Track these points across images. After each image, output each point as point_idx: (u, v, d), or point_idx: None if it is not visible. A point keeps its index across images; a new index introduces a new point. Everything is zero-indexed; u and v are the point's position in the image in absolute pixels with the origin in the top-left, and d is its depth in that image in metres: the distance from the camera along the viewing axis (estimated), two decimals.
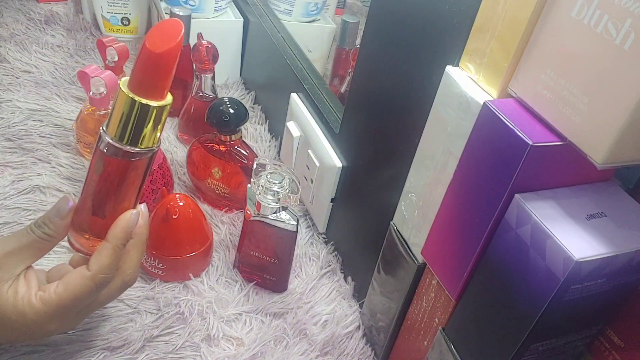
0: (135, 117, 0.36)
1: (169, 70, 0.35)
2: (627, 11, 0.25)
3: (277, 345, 0.52)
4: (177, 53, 0.35)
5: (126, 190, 0.40)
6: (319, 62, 0.86)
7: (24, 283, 0.39)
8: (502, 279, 0.33)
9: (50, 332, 0.40)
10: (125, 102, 0.36)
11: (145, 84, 0.36)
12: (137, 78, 0.36)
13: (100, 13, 0.90)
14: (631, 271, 0.31)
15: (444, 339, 0.40)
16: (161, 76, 0.36)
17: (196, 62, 0.67)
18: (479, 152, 0.34)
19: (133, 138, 0.37)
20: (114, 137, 0.37)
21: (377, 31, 0.48)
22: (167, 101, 0.37)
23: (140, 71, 0.36)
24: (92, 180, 0.39)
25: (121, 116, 0.36)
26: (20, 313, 0.38)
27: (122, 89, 0.36)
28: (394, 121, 0.47)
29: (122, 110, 0.36)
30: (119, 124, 0.37)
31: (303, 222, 0.66)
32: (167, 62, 0.35)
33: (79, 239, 0.42)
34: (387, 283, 0.48)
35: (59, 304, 0.38)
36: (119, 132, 0.37)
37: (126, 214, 0.41)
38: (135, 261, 0.42)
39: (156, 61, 0.35)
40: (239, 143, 0.62)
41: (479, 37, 0.34)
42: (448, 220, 0.38)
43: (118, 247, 0.40)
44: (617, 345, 0.35)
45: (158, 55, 0.34)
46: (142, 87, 0.36)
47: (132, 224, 0.41)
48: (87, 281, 0.39)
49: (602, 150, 0.27)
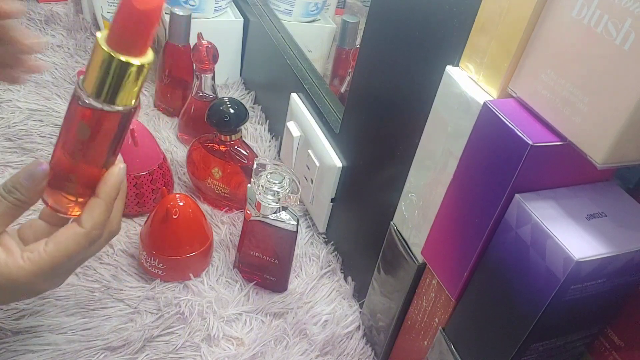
0: (113, 75, 0.34)
1: (151, 27, 0.34)
2: (627, 11, 0.25)
3: (277, 345, 0.52)
4: (160, 11, 0.34)
5: (103, 146, 0.39)
6: (319, 62, 0.86)
7: (2, 250, 0.38)
8: (502, 279, 0.33)
9: (42, 291, 0.40)
10: (103, 58, 0.34)
11: (126, 41, 0.34)
12: (116, 34, 0.34)
13: (100, 13, 0.90)
14: (631, 271, 0.31)
15: (444, 339, 0.40)
16: (143, 33, 0.34)
17: (196, 62, 0.67)
18: (479, 152, 0.34)
19: (111, 96, 0.35)
20: (90, 94, 0.35)
21: (377, 31, 0.48)
22: (148, 58, 0.35)
23: (120, 27, 0.34)
24: (67, 137, 0.38)
25: (98, 73, 0.34)
26: (9, 278, 0.37)
27: (101, 44, 0.34)
28: (394, 121, 0.47)
29: (100, 66, 0.34)
30: (96, 81, 0.35)
31: (303, 222, 0.66)
32: (151, 19, 0.33)
33: (54, 196, 0.40)
34: (387, 283, 0.48)
35: (52, 263, 0.38)
36: (96, 89, 0.35)
37: (114, 170, 0.40)
38: (119, 212, 0.42)
39: (139, 17, 0.33)
40: (239, 143, 0.62)
41: (479, 37, 0.34)
42: (448, 220, 0.38)
43: (110, 204, 0.40)
44: (617, 345, 0.35)
45: (142, 11, 0.33)
46: (122, 43, 0.34)
47: (121, 180, 0.40)
48: (81, 238, 0.38)
49: (602, 150, 0.27)
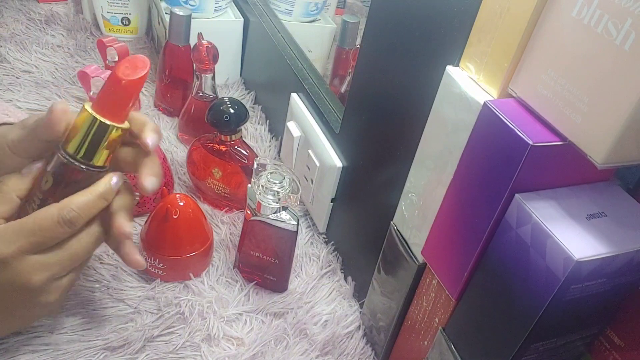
0: (92, 134, 0.39)
1: (131, 97, 0.40)
2: (627, 11, 0.25)
3: (277, 345, 0.52)
4: (140, 85, 0.40)
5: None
6: (319, 62, 0.86)
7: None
8: (502, 278, 0.33)
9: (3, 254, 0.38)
10: (85, 118, 0.39)
11: (108, 106, 0.40)
12: (101, 100, 0.40)
13: (101, 13, 0.90)
14: (631, 271, 0.31)
15: (444, 339, 0.40)
16: (124, 101, 0.40)
17: (196, 62, 0.67)
18: (479, 152, 0.34)
19: (87, 154, 0.40)
20: (69, 152, 0.40)
21: (378, 31, 0.48)
22: (124, 125, 0.41)
23: (105, 95, 0.40)
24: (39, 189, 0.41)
25: (78, 131, 0.40)
26: None
27: (86, 108, 0.39)
28: (395, 121, 0.47)
29: (81, 126, 0.39)
30: (75, 138, 0.40)
31: (303, 222, 0.66)
32: (132, 90, 0.40)
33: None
34: (388, 283, 0.48)
35: (18, 225, 0.39)
36: (75, 147, 0.40)
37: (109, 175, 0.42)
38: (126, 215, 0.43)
39: (123, 88, 0.39)
40: (239, 143, 0.62)
41: (479, 37, 0.34)
42: (448, 220, 0.38)
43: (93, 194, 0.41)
44: (617, 345, 0.35)
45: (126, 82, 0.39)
46: (104, 108, 0.40)
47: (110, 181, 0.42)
48: (52, 209, 0.39)
49: (602, 150, 0.27)
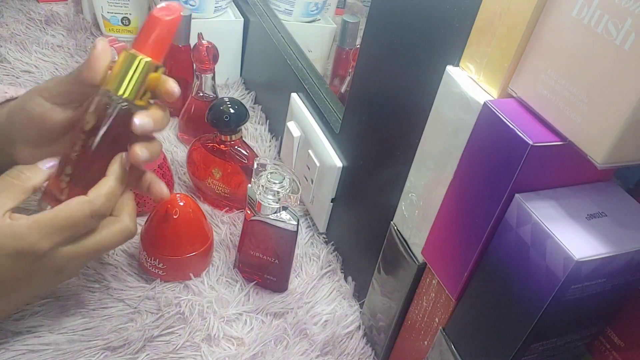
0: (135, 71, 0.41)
1: (170, 36, 0.42)
2: (627, 11, 0.25)
3: (277, 345, 0.52)
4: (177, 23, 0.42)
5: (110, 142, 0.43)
6: (319, 62, 0.86)
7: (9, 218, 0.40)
8: (502, 278, 0.33)
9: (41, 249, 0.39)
10: (127, 57, 0.41)
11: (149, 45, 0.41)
12: (140, 41, 0.41)
13: (101, 13, 0.90)
14: (631, 271, 0.31)
15: (444, 338, 0.40)
16: (164, 40, 0.42)
17: (196, 62, 0.67)
18: (479, 152, 0.34)
19: (130, 92, 0.41)
20: (110, 89, 0.41)
21: (378, 31, 0.48)
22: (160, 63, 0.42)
23: (145, 35, 0.41)
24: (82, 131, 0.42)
25: (121, 70, 0.41)
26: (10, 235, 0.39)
27: (126, 49, 0.41)
28: (395, 121, 0.47)
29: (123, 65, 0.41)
30: (118, 77, 0.41)
31: (303, 222, 0.66)
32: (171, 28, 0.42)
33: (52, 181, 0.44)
34: (388, 283, 0.48)
35: (52, 219, 0.39)
36: (116, 84, 0.41)
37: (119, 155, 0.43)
38: (130, 207, 0.44)
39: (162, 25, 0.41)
40: (239, 143, 0.62)
41: (479, 37, 0.34)
42: (448, 220, 0.38)
43: (117, 180, 0.42)
44: (617, 345, 0.35)
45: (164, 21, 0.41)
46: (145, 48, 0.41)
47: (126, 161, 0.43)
48: (84, 203, 0.40)
49: (602, 150, 0.27)
